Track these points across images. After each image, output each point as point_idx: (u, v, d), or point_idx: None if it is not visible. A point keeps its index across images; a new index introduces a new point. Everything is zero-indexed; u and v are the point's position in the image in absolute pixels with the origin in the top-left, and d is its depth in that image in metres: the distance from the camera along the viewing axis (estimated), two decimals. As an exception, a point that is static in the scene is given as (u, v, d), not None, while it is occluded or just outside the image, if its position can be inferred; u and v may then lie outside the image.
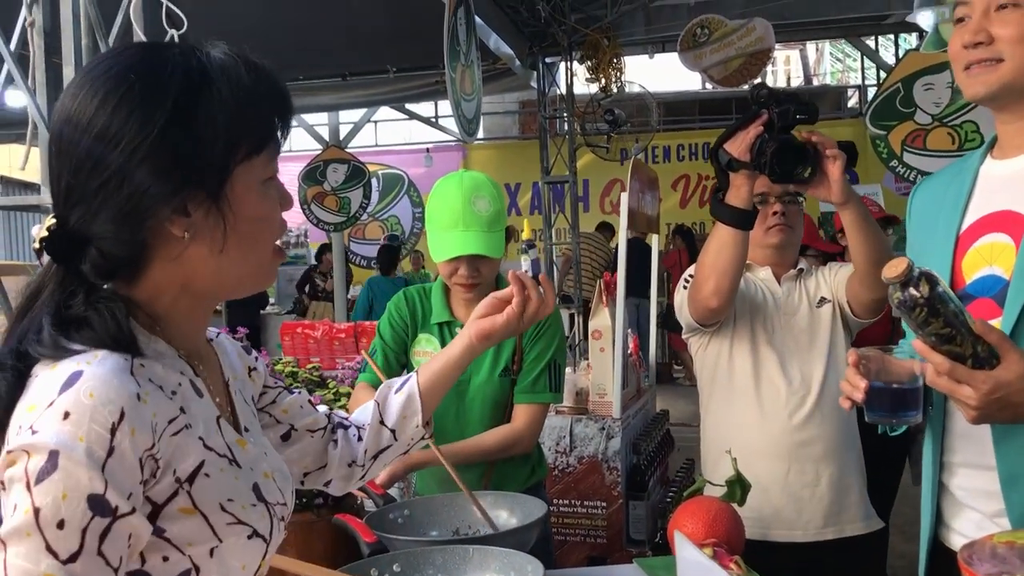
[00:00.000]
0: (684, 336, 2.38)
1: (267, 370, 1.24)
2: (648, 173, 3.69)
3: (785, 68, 19.86)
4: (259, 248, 0.99)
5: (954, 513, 1.50)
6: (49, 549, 0.81)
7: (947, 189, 1.56)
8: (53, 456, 0.82)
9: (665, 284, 9.54)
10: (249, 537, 0.96)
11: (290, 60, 7.55)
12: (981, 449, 1.40)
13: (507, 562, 1.53)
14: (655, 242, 4.29)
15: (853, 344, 2.22)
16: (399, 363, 2.16)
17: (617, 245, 10.01)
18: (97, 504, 0.82)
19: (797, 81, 18.90)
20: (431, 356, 1.82)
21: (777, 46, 9.30)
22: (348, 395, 2.34)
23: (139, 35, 2.25)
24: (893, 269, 1.21)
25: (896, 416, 1.39)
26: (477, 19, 5.56)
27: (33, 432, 0.83)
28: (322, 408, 1.34)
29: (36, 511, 0.81)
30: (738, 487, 1.96)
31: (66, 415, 0.83)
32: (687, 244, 9.79)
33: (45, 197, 2.20)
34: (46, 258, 0.94)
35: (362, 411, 1.35)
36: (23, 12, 2.20)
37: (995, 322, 1.37)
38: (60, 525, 0.81)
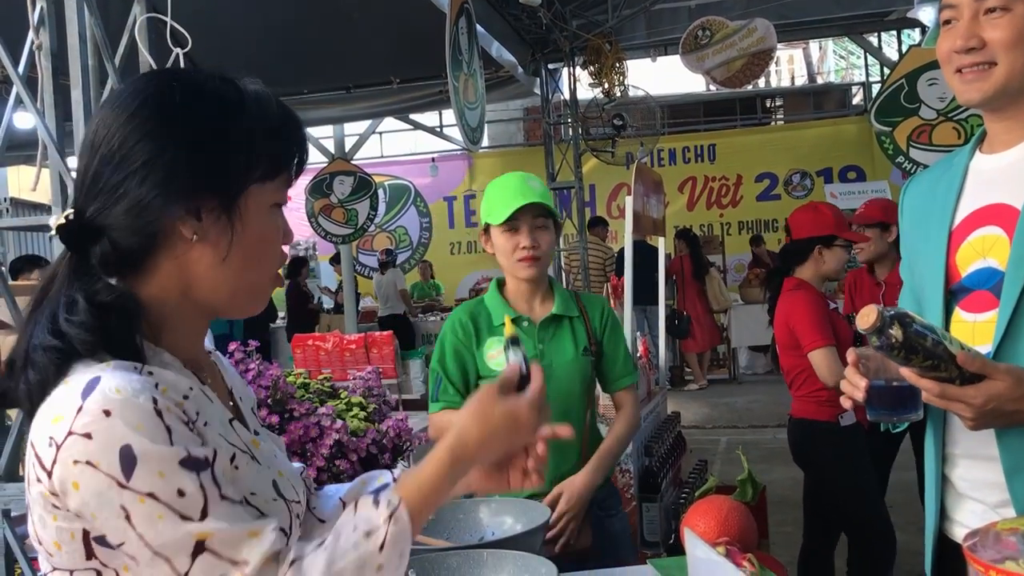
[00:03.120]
0: None
1: (254, 401, 1.25)
2: (652, 176, 3.71)
3: (789, 67, 19.85)
4: (260, 268, 1.05)
5: (956, 505, 1.51)
6: (183, 517, 0.87)
7: (937, 185, 1.57)
8: (126, 450, 0.86)
9: (672, 288, 9.47)
10: (273, 530, 0.98)
11: (295, 73, 7.60)
12: (983, 440, 1.41)
13: (521, 565, 1.53)
14: (662, 245, 4.30)
15: None
16: (466, 387, 2.19)
17: (617, 246, 9.84)
18: (190, 464, 0.88)
19: (801, 80, 18.88)
20: None
21: (779, 46, 9.31)
22: (359, 405, 2.35)
23: (144, 55, 2.27)
24: (865, 320, 1.26)
25: (896, 413, 1.42)
26: (479, 28, 5.58)
27: (88, 437, 0.86)
28: (297, 466, 1.24)
29: (151, 496, 0.86)
30: (749, 486, 1.97)
31: (107, 413, 0.86)
32: (691, 249, 9.49)
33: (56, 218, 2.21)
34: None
35: (330, 500, 1.22)
36: (30, 35, 2.22)
37: (992, 314, 1.40)
38: (180, 493, 0.87)
